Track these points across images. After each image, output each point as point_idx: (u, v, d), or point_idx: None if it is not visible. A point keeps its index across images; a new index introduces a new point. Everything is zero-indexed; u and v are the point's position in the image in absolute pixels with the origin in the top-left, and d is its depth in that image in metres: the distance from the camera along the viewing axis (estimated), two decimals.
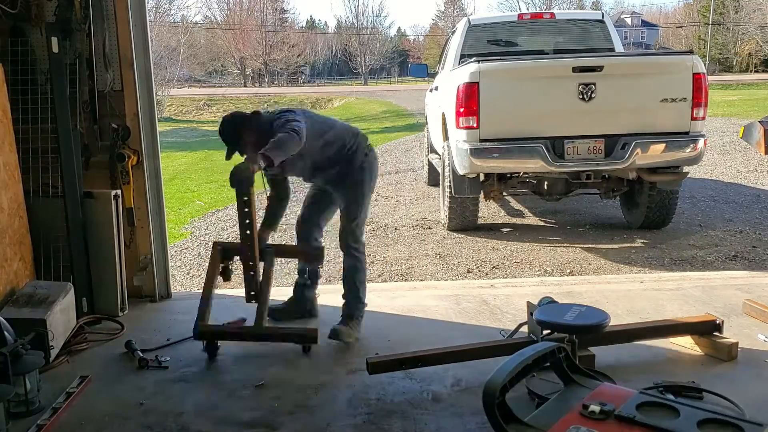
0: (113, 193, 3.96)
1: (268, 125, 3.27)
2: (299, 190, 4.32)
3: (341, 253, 3.60)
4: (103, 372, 3.23)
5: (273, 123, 3.26)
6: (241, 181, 3.11)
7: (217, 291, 4.76)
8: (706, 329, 3.21)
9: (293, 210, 4.19)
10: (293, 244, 3.95)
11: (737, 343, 3.18)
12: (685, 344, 3.26)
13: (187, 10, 60.97)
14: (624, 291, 4.22)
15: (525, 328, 3.21)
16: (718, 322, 3.21)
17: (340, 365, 3.22)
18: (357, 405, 2.85)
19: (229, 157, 3.35)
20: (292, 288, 3.98)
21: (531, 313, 3.08)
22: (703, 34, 51.32)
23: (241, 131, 3.30)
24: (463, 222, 6.33)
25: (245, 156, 3.22)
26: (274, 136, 3.13)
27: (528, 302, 3.21)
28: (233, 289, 4.49)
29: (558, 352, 2.41)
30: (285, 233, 6.70)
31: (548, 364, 2.44)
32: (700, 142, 5.41)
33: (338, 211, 3.64)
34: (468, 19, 7.51)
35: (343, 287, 3.59)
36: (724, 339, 3.18)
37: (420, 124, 17.29)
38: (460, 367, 3.11)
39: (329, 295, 4.09)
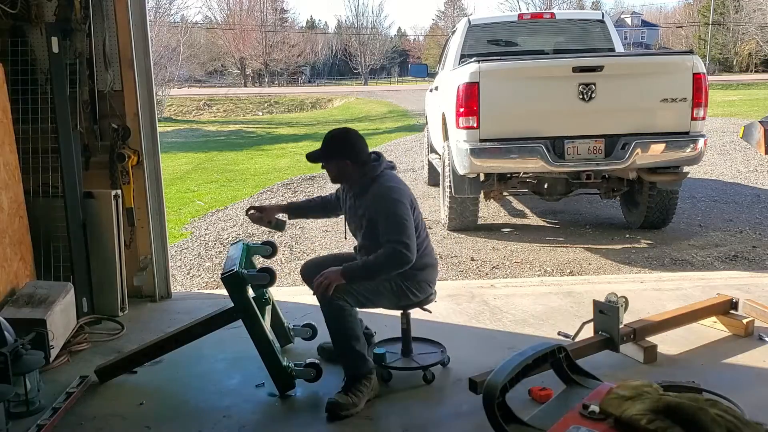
0: (113, 193, 3.96)
1: (363, 175, 2.94)
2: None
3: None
4: None
5: (371, 182, 2.92)
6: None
7: (216, 291, 4.78)
8: (724, 308, 3.54)
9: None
10: None
11: (753, 321, 3.48)
12: (707, 324, 3.57)
13: (187, 10, 61.11)
14: (624, 291, 4.20)
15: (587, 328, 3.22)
16: (734, 300, 3.53)
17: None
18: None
19: (313, 159, 3.01)
20: (293, 287, 3.97)
21: (600, 311, 3.11)
22: (703, 34, 51.32)
23: (332, 153, 2.96)
24: (463, 222, 6.33)
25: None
26: (366, 195, 2.89)
27: (594, 300, 3.21)
28: None
29: (558, 352, 2.42)
30: (285, 233, 6.71)
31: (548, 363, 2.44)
32: (700, 142, 5.41)
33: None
34: (468, 19, 7.51)
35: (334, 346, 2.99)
36: (741, 317, 3.50)
37: (420, 124, 17.29)
38: (462, 365, 3.12)
39: None
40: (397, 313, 3.11)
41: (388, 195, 2.86)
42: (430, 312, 3.18)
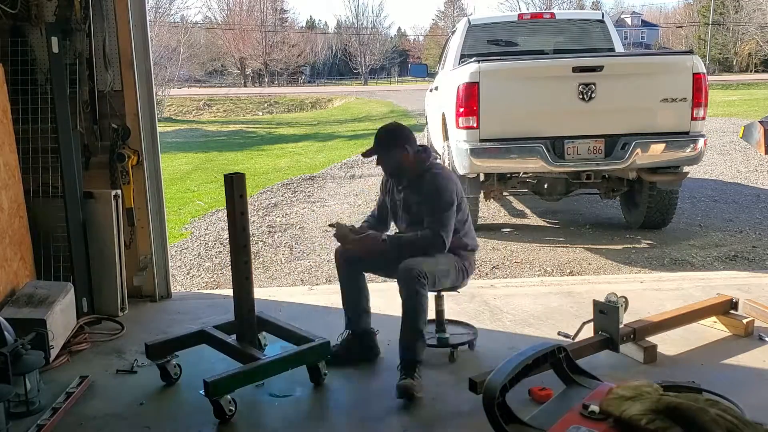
0: (113, 193, 3.96)
1: (416, 165, 3.11)
2: None
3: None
4: (103, 372, 3.24)
5: (422, 171, 3.10)
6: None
7: (216, 291, 4.79)
8: (724, 308, 3.54)
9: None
10: None
11: (753, 321, 3.47)
12: (707, 324, 3.57)
13: (187, 10, 61.07)
14: (624, 291, 4.19)
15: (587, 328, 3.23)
16: (734, 300, 3.53)
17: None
18: (359, 405, 2.86)
19: (366, 155, 3.18)
20: (294, 287, 3.96)
21: (600, 311, 3.11)
22: (703, 34, 51.30)
23: (391, 144, 3.10)
24: None
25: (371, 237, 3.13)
26: (417, 185, 3.07)
27: (594, 300, 3.21)
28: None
29: (558, 352, 2.42)
30: (285, 233, 6.71)
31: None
32: (700, 142, 5.41)
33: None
34: (468, 19, 7.51)
35: (402, 325, 2.99)
36: (741, 317, 3.50)
37: (420, 124, 17.28)
38: (462, 365, 3.12)
39: (328, 296, 4.09)
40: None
41: (441, 185, 3.05)
42: (459, 292, 3.39)
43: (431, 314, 3.20)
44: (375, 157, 3.15)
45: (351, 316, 3.25)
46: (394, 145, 3.08)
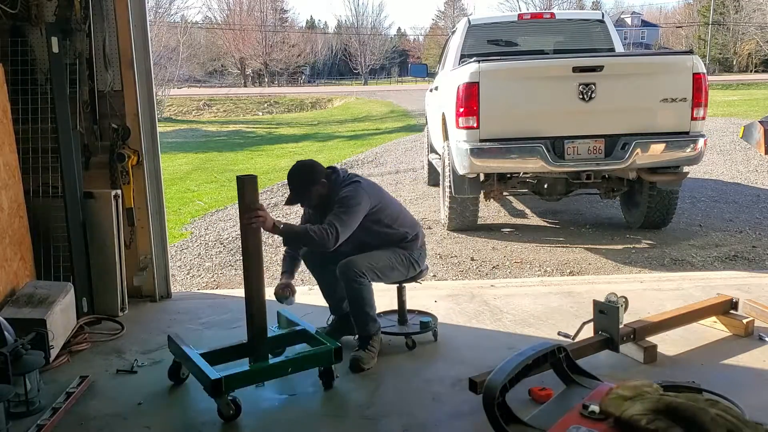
0: (113, 193, 3.96)
1: (334, 188, 3.23)
2: None
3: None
4: (103, 372, 3.24)
5: (339, 190, 3.20)
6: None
7: (216, 291, 4.79)
8: (724, 308, 3.55)
9: None
10: None
11: (753, 321, 3.47)
12: (707, 324, 3.57)
13: (187, 10, 60.93)
14: (624, 291, 4.20)
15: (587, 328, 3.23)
16: (734, 300, 3.54)
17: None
18: (360, 405, 2.86)
19: (290, 203, 3.31)
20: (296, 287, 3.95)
21: (600, 311, 3.11)
22: (703, 34, 51.32)
23: (307, 184, 3.23)
24: (463, 222, 6.32)
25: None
26: (333, 205, 3.16)
27: (594, 300, 3.21)
28: (233, 289, 4.49)
29: (558, 352, 2.42)
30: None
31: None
32: (700, 142, 5.41)
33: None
34: (468, 19, 7.51)
35: (350, 311, 3.35)
36: (741, 317, 3.50)
37: (420, 124, 17.29)
38: (462, 365, 3.12)
39: None
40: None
41: (344, 192, 3.20)
42: (420, 284, 3.66)
43: (394, 306, 3.60)
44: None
45: (332, 303, 3.55)
46: (310, 184, 3.22)
